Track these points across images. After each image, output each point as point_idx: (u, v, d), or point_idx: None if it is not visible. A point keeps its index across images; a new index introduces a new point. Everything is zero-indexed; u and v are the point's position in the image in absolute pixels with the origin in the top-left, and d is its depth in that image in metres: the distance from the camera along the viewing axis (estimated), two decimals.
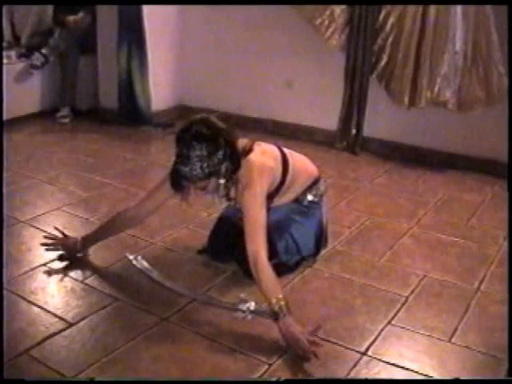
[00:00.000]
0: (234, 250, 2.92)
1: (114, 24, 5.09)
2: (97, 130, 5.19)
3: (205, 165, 2.46)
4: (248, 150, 2.63)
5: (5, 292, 2.66)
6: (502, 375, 2.24)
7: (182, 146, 2.48)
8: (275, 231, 2.86)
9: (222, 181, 2.57)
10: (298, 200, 2.95)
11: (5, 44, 5.42)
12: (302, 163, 2.96)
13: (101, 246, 3.11)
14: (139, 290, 2.77)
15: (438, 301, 2.80)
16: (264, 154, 2.72)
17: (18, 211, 3.50)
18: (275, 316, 2.34)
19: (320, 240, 3.09)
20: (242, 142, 2.65)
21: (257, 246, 2.46)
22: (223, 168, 2.52)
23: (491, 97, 4.25)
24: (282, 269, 2.87)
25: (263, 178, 2.64)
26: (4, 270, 2.81)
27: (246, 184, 2.59)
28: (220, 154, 2.49)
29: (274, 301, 2.34)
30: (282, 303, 2.33)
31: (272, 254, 2.85)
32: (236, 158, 2.57)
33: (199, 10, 5.34)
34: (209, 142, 2.46)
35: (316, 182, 3.02)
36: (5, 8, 5.54)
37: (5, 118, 4.83)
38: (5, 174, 3.91)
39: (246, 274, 2.87)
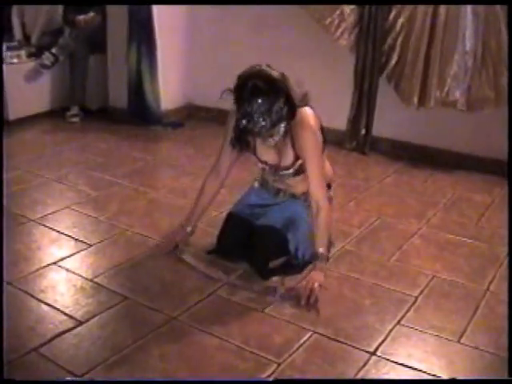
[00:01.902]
0: (245, 249, 2.93)
1: (124, 23, 5.09)
2: (106, 129, 5.20)
3: (269, 117, 2.58)
4: (305, 99, 2.77)
5: (14, 290, 2.68)
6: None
7: (244, 103, 2.58)
8: (287, 229, 2.87)
9: (283, 124, 2.66)
10: (307, 200, 2.94)
11: (15, 43, 5.44)
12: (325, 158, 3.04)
13: (110, 245, 3.13)
14: (148, 289, 2.77)
15: (446, 301, 2.79)
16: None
17: (27, 210, 3.52)
18: (316, 259, 2.76)
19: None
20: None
21: (321, 193, 2.78)
22: (284, 112, 2.62)
23: (501, 97, 4.22)
24: (290, 269, 2.88)
25: (317, 125, 2.83)
26: (14, 268, 2.83)
27: (304, 126, 2.74)
28: (280, 102, 2.59)
29: (322, 249, 2.76)
30: (325, 255, 2.80)
31: (283, 251, 2.87)
32: (293, 102, 2.67)
33: (208, 10, 5.33)
34: (269, 94, 2.56)
35: (329, 186, 3.04)
36: (15, 7, 5.58)
37: (15, 117, 4.88)
38: (15, 173, 3.94)
39: (257, 273, 2.88)
